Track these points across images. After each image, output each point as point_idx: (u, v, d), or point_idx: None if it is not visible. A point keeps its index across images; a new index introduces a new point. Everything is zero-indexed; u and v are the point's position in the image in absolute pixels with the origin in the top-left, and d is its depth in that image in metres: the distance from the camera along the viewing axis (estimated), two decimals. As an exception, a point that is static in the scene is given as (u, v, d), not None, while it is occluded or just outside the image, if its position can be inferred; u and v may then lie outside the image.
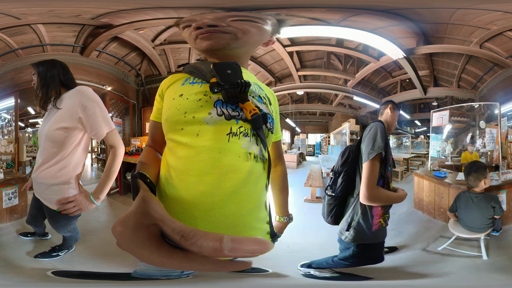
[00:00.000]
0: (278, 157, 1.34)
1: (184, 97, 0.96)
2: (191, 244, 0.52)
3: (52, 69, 1.74)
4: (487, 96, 3.35)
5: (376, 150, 1.76)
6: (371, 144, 1.80)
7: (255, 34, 1.10)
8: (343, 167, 1.98)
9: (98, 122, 1.64)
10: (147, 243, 0.58)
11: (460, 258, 2.36)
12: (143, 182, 0.82)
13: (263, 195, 1.00)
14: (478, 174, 2.45)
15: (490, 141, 3.19)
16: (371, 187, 1.74)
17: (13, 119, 3.06)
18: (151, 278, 1.15)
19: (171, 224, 0.59)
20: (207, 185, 0.87)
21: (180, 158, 0.91)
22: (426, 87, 3.81)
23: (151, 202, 0.68)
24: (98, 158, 4.27)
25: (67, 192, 1.75)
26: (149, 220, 0.62)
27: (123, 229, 0.61)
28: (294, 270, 2.22)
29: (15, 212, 2.67)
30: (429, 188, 3.12)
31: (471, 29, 2.81)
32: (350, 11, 2.39)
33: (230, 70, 0.90)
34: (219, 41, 1.01)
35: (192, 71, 1.04)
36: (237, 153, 0.90)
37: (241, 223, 0.93)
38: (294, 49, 3.62)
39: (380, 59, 3.48)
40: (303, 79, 4.08)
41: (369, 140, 1.82)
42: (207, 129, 0.89)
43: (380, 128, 1.88)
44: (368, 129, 1.91)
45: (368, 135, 1.86)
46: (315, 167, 4.65)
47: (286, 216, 1.38)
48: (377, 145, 1.78)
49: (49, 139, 1.67)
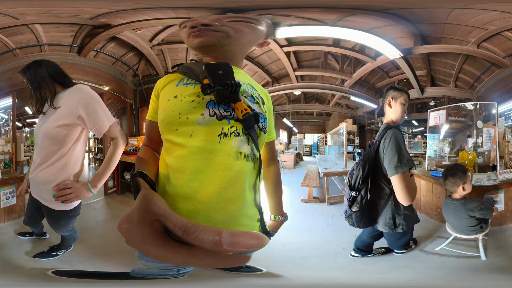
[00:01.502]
0: (272, 157, 1.36)
1: (178, 98, 0.98)
2: (193, 239, 0.54)
3: (39, 70, 1.72)
4: (484, 96, 3.35)
5: (405, 164, 1.80)
6: (396, 157, 1.82)
7: (248, 34, 1.12)
8: (364, 184, 2.01)
9: (100, 117, 1.66)
10: (152, 239, 0.60)
11: (458, 258, 2.33)
12: (143, 180, 0.84)
13: (253, 193, 1.02)
14: (455, 179, 2.27)
15: (488, 140, 3.18)
16: (411, 193, 1.83)
17: (10, 118, 3.06)
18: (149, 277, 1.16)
19: (173, 220, 0.60)
20: (200, 182, 0.91)
21: (175, 157, 0.94)
22: (423, 87, 3.82)
23: (153, 198, 0.69)
24: (95, 158, 4.27)
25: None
26: (152, 216, 0.64)
27: (129, 226, 0.63)
28: (289, 269, 2.23)
29: (13, 212, 2.68)
30: (426, 188, 3.11)
31: (469, 29, 2.81)
32: (346, 11, 2.40)
33: (221, 71, 0.92)
34: (209, 38, 1.03)
35: (186, 72, 1.06)
36: (228, 152, 0.93)
37: (230, 220, 0.95)
38: (291, 49, 3.63)
39: (377, 59, 3.49)
40: (300, 79, 4.09)
41: (393, 153, 1.84)
42: (200, 129, 0.92)
43: (399, 136, 1.89)
44: (388, 138, 1.90)
45: (389, 147, 1.87)
46: (312, 167, 4.67)
47: (281, 215, 1.40)
48: (406, 158, 1.82)
49: (48, 137, 1.65)
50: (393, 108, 2.05)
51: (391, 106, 2.06)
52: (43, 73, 1.72)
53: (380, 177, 2.02)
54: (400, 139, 1.89)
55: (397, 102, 2.04)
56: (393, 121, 2.05)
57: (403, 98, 2.03)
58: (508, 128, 3.15)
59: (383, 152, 1.92)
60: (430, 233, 2.74)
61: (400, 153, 1.83)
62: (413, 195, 1.85)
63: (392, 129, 1.95)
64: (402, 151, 1.84)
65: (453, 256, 2.36)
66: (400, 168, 1.80)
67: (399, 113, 2.04)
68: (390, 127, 1.98)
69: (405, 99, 2.04)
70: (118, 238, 2.54)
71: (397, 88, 2.08)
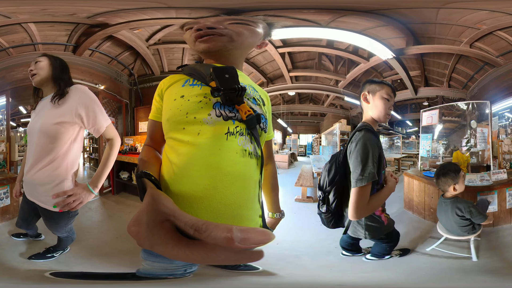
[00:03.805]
0: (269, 156, 1.39)
1: (186, 98, 1.01)
2: (205, 237, 0.55)
3: (65, 67, 1.80)
4: (478, 95, 3.38)
5: (366, 178, 1.57)
6: (359, 168, 1.59)
7: (248, 37, 1.16)
8: (332, 186, 1.84)
9: (98, 118, 1.68)
10: (164, 239, 0.61)
11: (449, 259, 2.32)
12: (149, 181, 0.85)
13: (257, 189, 1.06)
14: (447, 179, 2.24)
15: (482, 140, 3.20)
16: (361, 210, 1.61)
17: (4, 118, 3.05)
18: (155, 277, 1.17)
19: (182, 219, 0.61)
20: (210, 178, 0.93)
21: (182, 155, 0.96)
22: (417, 87, 3.84)
23: (161, 198, 0.70)
24: (90, 158, 4.26)
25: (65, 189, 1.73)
26: (161, 216, 0.65)
27: (138, 228, 0.64)
28: (283, 267, 2.25)
29: (7, 213, 2.65)
30: (419, 188, 3.12)
31: (461, 28, 2.83)
32: (338, 12, 2.42)
33: (228, 74, 0.97)
34: (217, 44, 1.08)
35: (192, 73, 1.09)
36: (235, 149, 0.96)
37: (238, 214, 0.98)
38: (286, 50, 3.65)
39: (370, 59, 3.51)
40: (294, 80, 4.11)
41: (357, 161, 1.61)
42: (207, 128, 0.95)
43: (369, 141, 1.63)
44: (354, 142, 1.66)
45: (355, 152, 1.64)
46: (306, 167, 4.71)
47: (278, 213, 1.45)
48: (368, 171, 1.57)
49: (45, 134, 1.64)
50: (371, 103, 1.75)
51: (368, 101, 1.76)
52: (66, 67, 1.80)
53: (348, 181, 1.77)
54: (370, 145, 1.62)
55: (375, 96, 1.73)
56: (374, 119, 1.76)
57: (385, 92, 1.72)
58: (502, 128, 3.18)
59: (349, 158, 1.69)
60: (422, 233, 2.75)
61: (365, 163, 1.59)
62: (360, 213, 1.62)
63: (362, 131, 1.67)
64: (368, 161, 1.59)
65: (444, 257, 2.35)
66: (360, 181, 1.57)
67: (380, 109, 1.73)
68: (361, 128, 1.70)
69: (387, 92, 1.72)
70: (115, 238, 2.56)
71: (375, 81, 1.78)
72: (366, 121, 1.79)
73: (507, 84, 3.07)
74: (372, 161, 1.59)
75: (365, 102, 1.78)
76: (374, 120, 1.77)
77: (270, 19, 1.31)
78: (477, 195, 2.76)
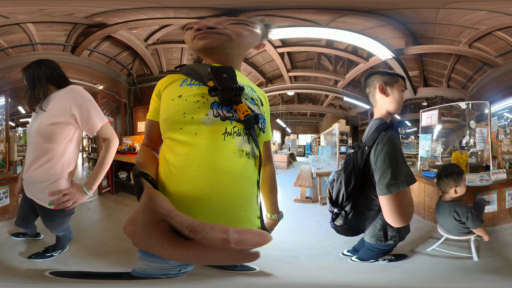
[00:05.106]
0: (267, 157, 1.39)
1: (183, 98, 1.01)
2: (200, 238, 0.55)
3: (38, 70, 1.76)
4: (477, 96, 3.36)
5: (403, 181, 1.38)
6: (389, 173, 1.39)
7: (247, 37, 1.17)
8: (349, 200, 1.63)
9: (92, 117, 1.69)
10: (160, 239, 0.62)
11: (450, 259, 2.30)
12: (146, 180, 0.86)
13: (255, 189, 1.05)
14: (449, 180, 2.16)
15: (481, 140, 3.18)
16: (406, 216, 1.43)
17: (3, 118, 3.04)
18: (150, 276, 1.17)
19: (178, 219, 0.61)
20: (206, 179, 0.93)
21: (179, 155, 0.96)
22: (416, 88, 3.83)
23: (157, 198, 0.71)
24: (89, 157, 4.25)
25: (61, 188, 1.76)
26: (157, 216, 0.65)
27: (134, 228, 0.64)
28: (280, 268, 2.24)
29: (7, 212, 2.66)
30: (418, 188, 3.10)
31: (460, 29, 2.82)
32: (338, 12, 2.41)
33: (226, 74, 0.97)
34: (213, 41, 1.09)
35: (190, 73, 1.08)
36: (232, 150, 0.96)
37: (236, 215, 0.98)
38: (285, 50, 3.64)
39: (370, 59, 3.51)
40: (293, 80, 4.10)
41: (385, 165, 1.42)
42: (205, 129, 0.95)
43: (397, 141, 1.47)
44: (381, 144, 1.46)
45: (381, 156, 1.44)
46: (305, 168, 4.70)
47: (277, 214, 1.44)
48: (404, 173, 1.39)
49: (41, 135, 1.67)
50: (390, 96, 1.60)
51: (386, 93, 1.60)
52: (41, 73, 1.75)
53: (370, 187, 1.60)
54: (398, 145, 1.46)
55: (394, 88, 1.60)
56: (390, 113, 1.63)
57: (401, 84, 1.62)
58: (501, 128, 3.17)
59: (374, 163, 1.48)
60: (422, 234, 2.73)
61: (396, 166, 1.40)
62: (408, 217, 1.45)
63: (388, 130, 1.49)
64: (399, 163, 1.41)
65: (444, 257, 2.33)
66: (395, 186, 1.37)
67: (399, 102, 1.61)
68: (385, 126, 1.51)
69: (402, 84, 1.62)
70: (113, 238, 2.56)
71: (389, 73, 1.64)
72: (382, 116, 1.65)
73: (506, 84, 3.06)
74: (405, 162, 1.44)
75: (382, 94, 1.62)
76: (390, 114, 1.64)
77: (268, 21, 1.32)
78: (477, 195, 2.74)
